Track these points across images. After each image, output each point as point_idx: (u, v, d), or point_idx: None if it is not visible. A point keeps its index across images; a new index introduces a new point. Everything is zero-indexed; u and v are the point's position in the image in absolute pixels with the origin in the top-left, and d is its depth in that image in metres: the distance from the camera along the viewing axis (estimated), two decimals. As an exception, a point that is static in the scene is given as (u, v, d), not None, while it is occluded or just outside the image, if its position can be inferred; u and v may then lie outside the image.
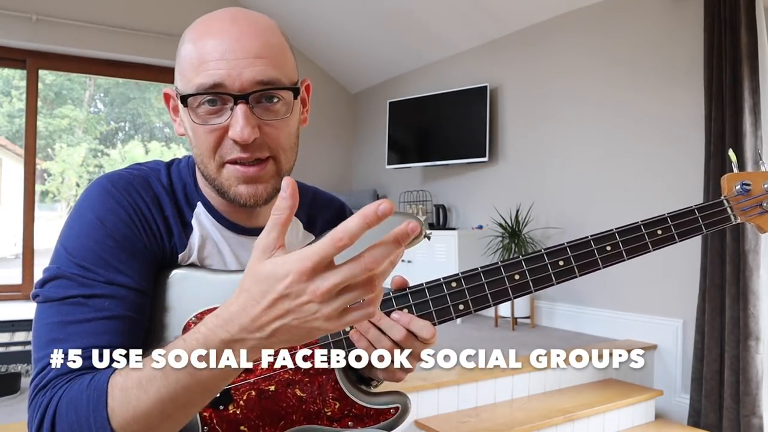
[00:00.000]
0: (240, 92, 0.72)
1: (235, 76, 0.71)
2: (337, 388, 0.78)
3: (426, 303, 0.79)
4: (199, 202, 0.83)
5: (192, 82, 0.72)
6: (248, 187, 0.75)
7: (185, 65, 0.75)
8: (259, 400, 0.77)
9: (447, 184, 4.38)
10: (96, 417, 0.62)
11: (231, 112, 0.72)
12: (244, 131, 0.71)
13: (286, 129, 0.77)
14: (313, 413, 0.78)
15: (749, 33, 2.51)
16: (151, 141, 6.23)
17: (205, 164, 0.76)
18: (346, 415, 0.78)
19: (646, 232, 0.84)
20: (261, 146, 0.74)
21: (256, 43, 0.73)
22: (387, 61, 4.78)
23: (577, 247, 0.82)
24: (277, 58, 0.74)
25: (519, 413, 2.27)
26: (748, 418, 2.40)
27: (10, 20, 3.93)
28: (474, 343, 2.99)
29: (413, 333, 0.75)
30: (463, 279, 0.79)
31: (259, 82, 0.72)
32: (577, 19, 3.44)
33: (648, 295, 3.01)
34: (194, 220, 0.82)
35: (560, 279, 0.81)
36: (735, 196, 0.89)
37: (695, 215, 0.87)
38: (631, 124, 3.13)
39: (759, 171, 0.91)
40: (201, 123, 0.74)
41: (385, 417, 0.78)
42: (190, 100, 0.73)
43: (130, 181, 0.78)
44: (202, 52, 0.72)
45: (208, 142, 0.74)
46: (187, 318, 0.77)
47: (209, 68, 0.71)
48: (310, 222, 0.93)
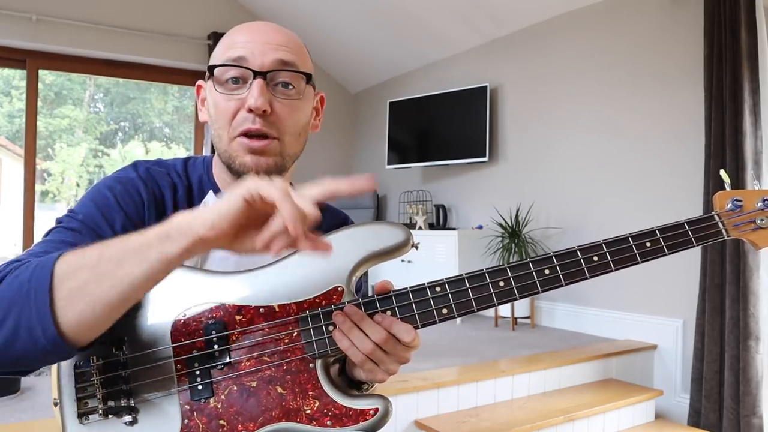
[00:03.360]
0: (260, 68, 0.82)
1: (259, 54, 0.83)
2: (317, 386, 0.79)
3: (410, 306, 0.80)
4: (210, 191, 0.91)
5: (220, 57, 0.85)
6: (252, 157, 0.84)
7: (218, 51, 0.86)
8: (240, 395, 0.78)
9: (447, 184, 4.38)
10: (42, 264, 0.65)
11: (249, 85, 0.82)
12: (258, 100, 0.80)
13: (295, 114, 0.86)
14: (292, 410, 0.79)
15: (749, 33, 2.51)
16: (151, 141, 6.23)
17: (220, 136, 0.85)
18: (325, 414, 0.79)
19: (635, 244, 0.85)
20: (270, 124, 0.83)
21: (284, 37, 0.86)
22: (387, 61, 4.78)
23: (563, 256, 0.83)
24: (297, 51, 0.87)
25: (519, 413, 2.27)
26: (748, 418, 2.40)
27: (10, 20, 3.93)
28: (474, 343, 2.99)
29: (395, 336, 0.77)
30: (447, 284, 0.81)
31: (279, 61, 0.83)
32: (577, 19, 3.44)
33: (648, 295, 3.01)
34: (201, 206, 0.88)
35: (545, 287, 0.82)
36: (726, 212, 0.90)
37: (685, 229, 0.87)
38: (631, 123, 3.13)
39: (751, 189, 0.92)
40: (223, 92, 0.84)
41: (365, 418, 0.79)
42: (217, 70, 0.84)
43: (154, 168, 0.90)
44: (234, 39, 0.85)
45: (227, 111, 0.83)
46: (176, 314, 0.79)
47: (237, 46, 0.83)
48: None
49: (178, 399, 0.77)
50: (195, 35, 4.55)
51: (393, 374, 0.81)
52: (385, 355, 0.78)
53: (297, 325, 0.80)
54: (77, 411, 0.76)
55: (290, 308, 0.80)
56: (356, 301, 0.80)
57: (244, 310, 0.80)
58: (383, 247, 0.81)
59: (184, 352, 0.78)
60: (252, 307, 0.80)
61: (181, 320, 0.79)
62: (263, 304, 0.80)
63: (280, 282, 0.81)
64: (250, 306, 0.80)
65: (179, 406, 0.77)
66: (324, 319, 0.80)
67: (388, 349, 0.77)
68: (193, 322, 0.79)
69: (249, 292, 0.81)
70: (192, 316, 0.79)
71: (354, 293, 0.82)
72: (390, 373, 0.80)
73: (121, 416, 0.76)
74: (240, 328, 0.79)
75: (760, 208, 0.90)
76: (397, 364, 0.80)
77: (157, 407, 0.77)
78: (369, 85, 5.30)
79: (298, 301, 0.81)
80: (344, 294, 0.81)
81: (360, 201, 4.92)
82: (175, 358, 0.78)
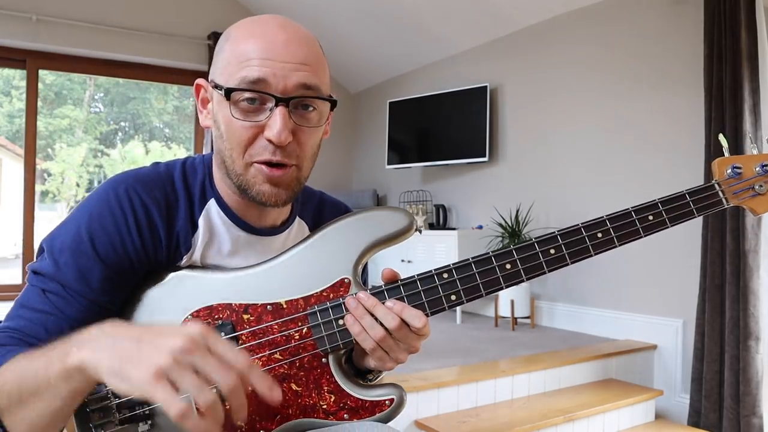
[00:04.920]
0: (282, 94, 0.74)
1: (281, 77, 0.74)
2: (332, 381, 0.79)
3: (418, 294, 0.79)
4: (212, 199, 0.85)
5: (235, 76, 0.75)
6: (272, 187, 0.78)
7: (231, 59, 0.76)
8: (255, 395, 0.77)
9: (447, 184, 4.38)
10: None
11: (270, 113, 0.75)
12: (282, 134, 0.74)
13: (314, 138, 0.80)
14: (309, 407, 0.78)
15: (749, 33, 2.50)
16: (151, 141, 6.22)
17: (234, 159, 0.78)
18: (341, 408, 0.79)
19: (637, 218, 0.84)
20: (290, 153, 0.77)
21: (303, 51, 0.76)
22: (387, 61, 4.78)
23: (567, 234, 0.83)
24: (319, 69, 0.78)
25: (519, 413, 2.26)
26: (748, 418, 2.40)
27: (10, 20, 3.93)
28: (474, 343, 2.99)
29: (406, 322, 0.76)
30: (454, 270, 0.80)
31: (303, 85, 0.75)
32: (577, 19, 3.44)
33: (648, 295, 3.01)
34: (202, 218, 0.84)
35: (552, 267, 0.81)
36: (726, 179, 0.89)
37: (686, 200, 0.86)
38: (631, 123, 3.13)
39: (749, 154, 0.90)
40: (239, 118, 0.76)
41: (381, 409, 0.79)
42: (234, 94, 0.75)
43: (140, 186, 0.80)
44: (250, 49, 0.75)
45: (243, 138, 0.76)
46: (182, 317, 0.78)
47: (254, 63, 0.74)
48: (316, 224, 0.96)
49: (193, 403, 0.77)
50: (195, 35, 4.55)
51: (401, 363, 0.81)
52: (395, 343, 0.77)
53: (306, 320, 0.79)
54: (93, 423, 0.74)
55: (298, 303, 0.79)
56: (364, 290, 0.79)
57: (251, 308, 0.79)
58: (387, 234, 0.80)
59: None
60: (259, 305, 0.79)
61: (188, 323, 0.77)
62: (270, 301, 0.79)
63: (285, 277, 0.80)
64: (257, 304, 0.79)
65: (195, 410, 0.76)
66: (333, 313, 0.79)
67: (399, 336, 0.77)
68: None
69: (254, 289, 0.80)
70: (199, 318, 0.78)
71: (361, 284, 0.81)
72: (399, 361, 0.80)
73: (136, 425, 0.75)
74: (249, 327, 0.78)
75: (758, 174, 0.89)
76: (406, 353, 0.79)
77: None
78: (369, 85, 5.30)
79: (305, 296, 0.80)
80: (351, 286, 0.80)
81: (360, 201, 4.92)
82: None
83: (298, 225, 0.94)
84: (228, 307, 0.79)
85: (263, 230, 0.87)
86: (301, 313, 0.79)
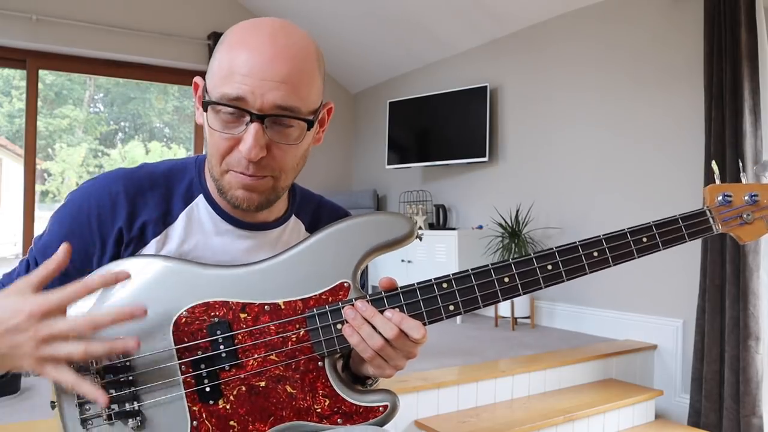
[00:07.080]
0: (259, 111, 0.75)
1: (258, 94, 0.74)
2: (327, 385, 0.79)
3: (417, 303, 0.80)
4: (201, 195, 0.87)
5: (218, 90, 0.76)
6: (245, 192, 0.80)
7: (217, 70, 0.77)
8: (249, 395, 0.77)
9: (447, 184, 4.38)
10: None
11: (246, 127, 0.76)
12: (252, 151, 0.75)
13: (293, 152, 0.81)
14: (303, 410, 0.78)
15: (749, 33, 2.50)
16: (151, 141, 6.22)
17: (213, 165, 0.82)
18: (335, 413, 0.79)
19: (632, 239, 0.87)
20: (264, 167, 0.78)
21: (286, 68, 0.75)
22: (387, 61, 4.78)
23: (565, 252, 0.85)
24: (301, 86, 0.77)
25: (519, 413, 2.26)
26: (748, 418, 2.40)
27: (10, 20, 3.93)
28: (474, 343, 2.99)
29: (404, 332, 0.77)
30: (454, 280, 0.81)
31: (278, 106, 0.75)
32: (577, 19, 3.44)
33: (648, 295, 3.01)
34: (184, 214, 0.86)
35: (548, 283, 0.84)
36: (717, 206, 0.93)
37: (679, 224, 0.90)
38: (631, 123, 3.13)
39: (740, 183, 0.94)
40: (218, 129, 0.78)
41: (375, 415, 0.79)
42: (211, 105, 0.77)
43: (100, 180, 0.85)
44: (235, 63, 0.75)
45: (220, 147, 0.78)
46: (177, 313, 0.78)
47: (236, 81, 0.74)
48: (312, 225, 0.96)
49: (185, 401, 0.76)
50: (195, 35, 4.55)
51: (400, 369, 0.81)
52: (394, 351, 0.78)
53: (304, 323, 0.79)
54: (80, 417, 0.75)
55: (296, 305, 0.79)
56: (364, 297, 0.79)
57: (249, 307, 0.78)
58: (387, 239, 0.81)
59: (188, 354, 0.76)
60: (257, 305, 0.79)
61: (183, 318, 0.77)
62: (268, 300, 0.79)
63: (283, 277, 0.80)
64: (254, 303, 0.79)
65: (187, 408, 0.76)
66: (332, 318, 0.79)
67: (397, 345, 0.77)
68: (195, 321, 0.77)
69: (252, 288, 0.79)
70: (194, 314, 0.77)
71: (360, 289, 0.81)
72: (397, 368, 0.80)
73: (126, 421, 0.75)
74: (246, 327, 0.78)
75: (747, 203, 0.93)
76: (405, 360, 0.80)
77: (163, 410, 0.76)
78: (369, 85, 5.30)
79: (303, 298, 0.79)
80: (350, 290, 0.80)
81: (360, 201, 4.92)
82: (179, 360, 0.76)
83: (294, 223, 0.94)
84: (225, 305, 0.78)
85: (252, 225, 0.88)
86: (300, 316, 0.79)
